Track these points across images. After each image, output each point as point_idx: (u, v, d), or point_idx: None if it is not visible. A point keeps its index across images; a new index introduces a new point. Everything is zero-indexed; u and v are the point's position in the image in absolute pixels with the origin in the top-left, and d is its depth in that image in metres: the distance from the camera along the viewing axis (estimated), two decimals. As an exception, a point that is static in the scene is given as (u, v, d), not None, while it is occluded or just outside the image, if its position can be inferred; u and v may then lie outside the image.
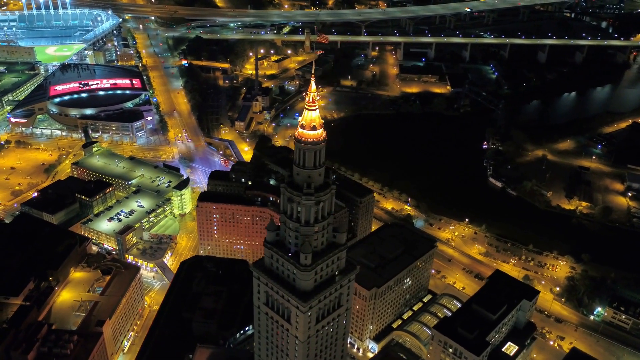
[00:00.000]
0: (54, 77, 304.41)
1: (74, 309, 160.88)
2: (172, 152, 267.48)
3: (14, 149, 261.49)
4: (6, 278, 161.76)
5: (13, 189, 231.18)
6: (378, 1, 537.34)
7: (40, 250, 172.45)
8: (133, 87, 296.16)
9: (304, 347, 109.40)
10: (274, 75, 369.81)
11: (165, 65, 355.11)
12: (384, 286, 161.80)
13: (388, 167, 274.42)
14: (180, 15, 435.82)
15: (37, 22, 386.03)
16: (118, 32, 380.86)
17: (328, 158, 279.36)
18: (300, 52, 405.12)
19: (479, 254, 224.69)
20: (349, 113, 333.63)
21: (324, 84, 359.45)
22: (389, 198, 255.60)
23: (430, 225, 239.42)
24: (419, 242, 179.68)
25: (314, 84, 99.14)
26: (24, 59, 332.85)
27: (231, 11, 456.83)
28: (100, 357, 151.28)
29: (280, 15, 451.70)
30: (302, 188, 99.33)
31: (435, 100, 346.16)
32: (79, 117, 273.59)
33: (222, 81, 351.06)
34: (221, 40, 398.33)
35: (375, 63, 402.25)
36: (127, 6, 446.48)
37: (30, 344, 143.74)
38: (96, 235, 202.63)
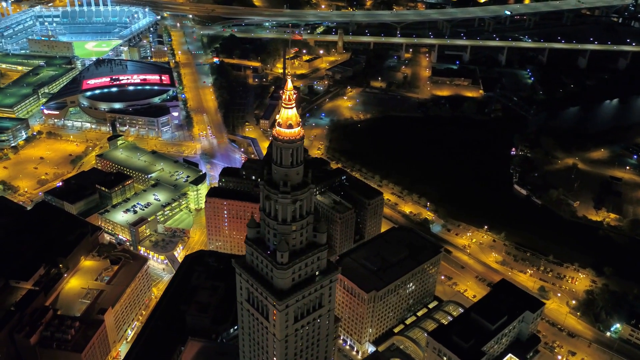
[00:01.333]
0: (87, 71, 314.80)
1: (80, 296, 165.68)
2: (195, 147, 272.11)
3: (45, 140, 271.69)
4: (19, 263, 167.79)
5: (39, 178, 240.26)
6: (417, 3, 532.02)
7: (53, 237, 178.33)
8: (162, 83, 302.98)
9: (282, 346, 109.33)
10: (304, 75, 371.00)
11: (197, 63, 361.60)
12: (384, 290, 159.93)
13: (410, 170, 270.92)
14: (217, 13, 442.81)
15: (79, 19, 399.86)
16: (154, 30, 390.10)
17: (350, 158, 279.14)
18: (332, 53, 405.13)
19: (496, 262, 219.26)
20: (376, 114, 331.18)
21: (353, 85, 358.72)
22: (407, 201, 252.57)
23: (448, 230, 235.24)
24: (425, 246, 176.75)
25: (290, 82, 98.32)
26: (62, 54, 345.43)
27: (267, 10, 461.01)
28: (100, 344, 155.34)
29: (316, 15, 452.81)
30: (279, 186, 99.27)
31: (466, 104, 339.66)
32: (108, 110, 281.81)
33: (251, 79, 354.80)
34: (254, 39, 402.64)
35: (408, 65, 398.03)
36: (167, 4, 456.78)
37: (33, 327, 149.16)
38: (112, 225, 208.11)
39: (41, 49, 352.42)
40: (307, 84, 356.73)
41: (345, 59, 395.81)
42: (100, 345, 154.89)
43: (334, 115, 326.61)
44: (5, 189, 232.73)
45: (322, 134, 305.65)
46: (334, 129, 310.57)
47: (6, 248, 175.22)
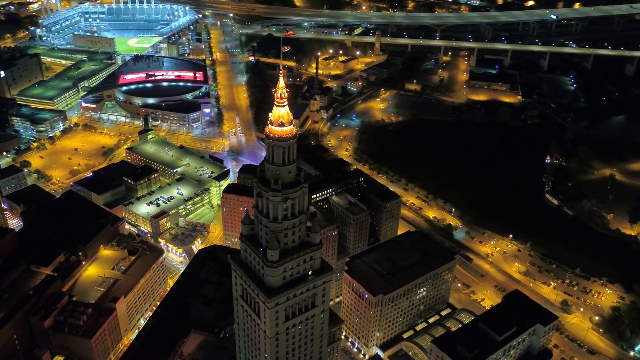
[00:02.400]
0: (125, 66, 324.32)
1: (96, 283, 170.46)
2: (224, 144, 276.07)
3: (80, 132, 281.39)
4: (41, 249, 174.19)
5: (72, 168, 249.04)
6: (460, 5, 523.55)
7: (75, 226, 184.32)
8: (195, 80, 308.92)
9: (273, 344, 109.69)
10: (339, 76, 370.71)
11: (233, 61, 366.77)
12: (392, 294, 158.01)
13: (438, 175, 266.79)
14: (257, 13, 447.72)
15: (123, 16, 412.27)
16: (194, 27, 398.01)
17: (377, 160, 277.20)
18: (369, 54, 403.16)
19: (518, 272, 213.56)
20: (408, 117, 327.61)
21: (387, 87, 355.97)
22: (432, 206, 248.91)
23: (472, 237, 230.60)
24: (439, 252, 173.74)
25: (282, 80, 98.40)
26: (104, 49, 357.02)
27: (307, 11, 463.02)
28: (112, 331, 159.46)
29: (355, 17, 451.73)
30: (270, 184, 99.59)
31: (501, 109, 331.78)
32: (142, 105, 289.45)
33: (285, 79, 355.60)
34: (292, 39, 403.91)
35: (445, 68, 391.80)
36: (209, 3, 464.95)
37: (48, 311, 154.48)
38: (135, 217, 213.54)
39: (85, 44, 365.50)
40: (340, 85, 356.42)
41: (381, 60, 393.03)
42: (111, 332, 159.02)
43: (366, 116, 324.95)
44: (39, 178, 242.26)
45: (351, 135, 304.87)
46: (364, 131, 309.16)
47: (31, 234, 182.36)
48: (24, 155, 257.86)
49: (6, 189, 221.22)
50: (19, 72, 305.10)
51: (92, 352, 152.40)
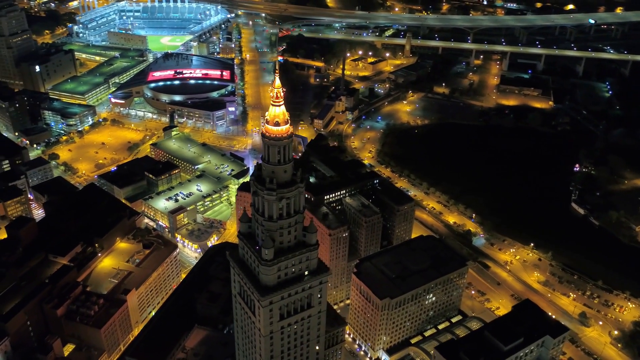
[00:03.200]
0: (155, 64, 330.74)
1: (110, 275, 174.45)
2: (246, 142, 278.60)
3: (108, 127, 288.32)
4: (60, 239, 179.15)
5: (98, 162, 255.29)
6: (496, 8, 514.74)
7: (94, 218, 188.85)
8: (222, 78, 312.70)
9: (267, 342, 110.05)
10: (367, 77, 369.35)
11: (262, 60, 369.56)
12: (399, 298, 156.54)
13: (461, 179, 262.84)
14: (289, 13, 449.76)
15: (158, 14, 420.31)
16: (225, 26, 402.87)
17: (400, 163, 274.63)
18: (398, 56, 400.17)
19: (537, 282, 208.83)
20: (435, 121, 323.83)
21: (415, 90, 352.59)
22: (453, 211, 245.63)
23: (491, 244, 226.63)
24: (451, 258, 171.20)
25: (278, 79, 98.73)
26: (136, 46, 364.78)
27: (339, 12, 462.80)
28: (122, 323, 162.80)
29: (387, 18, 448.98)
30: (265, 182, 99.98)
31: (531, 115, 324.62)
32: (169, 102, 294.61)
33: (313, 79, 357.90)
34: (322, 39, 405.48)
35: (476, 72, 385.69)
36: (242, 2, 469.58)
37: (61, 300, 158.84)
38: (153, 211, 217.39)
39: (118, 41, 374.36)
40: (367, 87, 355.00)
41: (410, 63, 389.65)
42: (121, 323, 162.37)
43: (391, 119, 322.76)
44: (66, 170, 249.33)
45: (375, 137, 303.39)
46: (388, 133, 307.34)
47: (51, 224, 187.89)
48: (53, 147, 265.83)
49: (33, 180, 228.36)
50: (53, 67, 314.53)
51: (101, 341, 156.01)
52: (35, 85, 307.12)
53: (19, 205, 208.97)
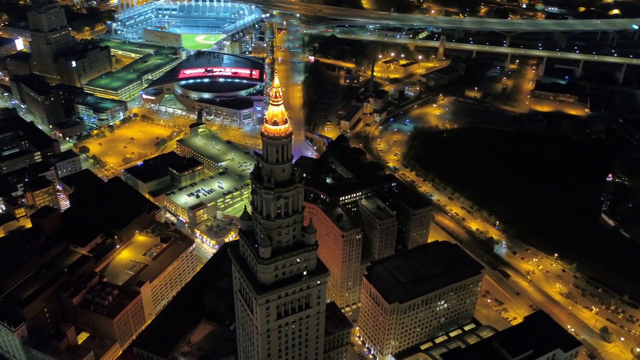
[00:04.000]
0: (187, 61, 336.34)
1: (127, 267, 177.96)
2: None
3: (138, 122, 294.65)
4: (81, 230, 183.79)
5: (125, 156, 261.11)
6: (536, 12, 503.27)
7: (115, 211, 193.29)
8: (251, 78, 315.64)
9: (264, 340, 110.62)
10: (398, 80, 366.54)
11: (293, 61, 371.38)
12: (408, 303, 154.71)
13: (487, 186, 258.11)
14: (323, 14, 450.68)
15: (194, 13, 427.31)
16: (259, 26, 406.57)
17: (425, 167, 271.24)
18: (431, 59, 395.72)
19: (559, 293, 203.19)
20: (464, 125, 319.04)
21: (446, 93, 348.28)
22: (476, 218, 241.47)
23: (514, 253, 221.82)
24: (466, 265, 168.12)
25: (277, 79, 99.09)
26: (171, 44, 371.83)
27: (374, 13, 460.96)
28: (135, 314, 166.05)
29: (422, 20, 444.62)
30: (264, 181, 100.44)
31: (564, 122, 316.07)
32: (198, 99, 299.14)
33: (343, 80, 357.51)
34: (354, 41, 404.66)
35: (510, 76, 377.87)
36: (278, 2, 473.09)
37: (78, 289, 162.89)
38: (175, 206, 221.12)
39: (153, 39, 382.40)
40: (397, 89, 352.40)
41: (443, 66, 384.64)
42: (134, 315, 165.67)
43: (420, 122, 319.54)
44: (95, 163, 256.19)
45: (402, 140, 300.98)
46: (416, 136, 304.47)
47: (74, 215, 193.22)
48: (84, 141, 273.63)
49: (63, 171, 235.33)
50: (89, 63, 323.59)
51: (114, 331, 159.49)
52: (71, 80, 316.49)
53: (46, 195, 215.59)
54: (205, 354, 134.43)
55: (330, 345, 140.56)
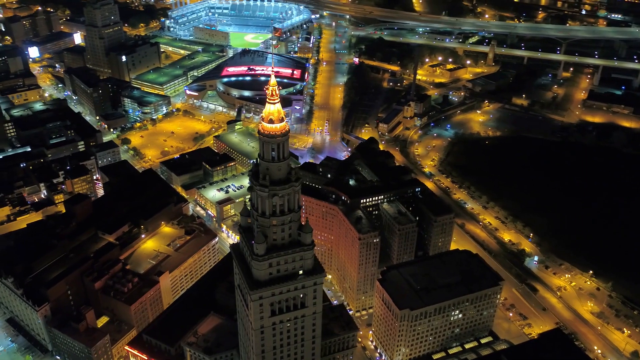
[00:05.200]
0: (231, 59, 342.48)
1: (150, 257, 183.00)
2: (307, 141, 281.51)
3: (180, 117, 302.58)
4: (111, 218, 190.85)
5: (164, 149, 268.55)
6: (597, 19, 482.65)
7: (145, 201, 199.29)
8: (292, 77, 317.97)
9: (257, 336, 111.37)
10: (443, 84, 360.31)
11: (337, 62, 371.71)
12: (419, 310, 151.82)
13: (525, 196, 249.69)
14: (374, 16, 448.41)
15: (245, 12, 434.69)
16: (307, 26, 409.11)
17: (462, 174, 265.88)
18: (480, 64, 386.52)
19: (590, 312, 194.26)
20: (508, 133, 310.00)
21: (492, 100, 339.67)
22: (510, 229, 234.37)
23: (546, 268, 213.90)
24: (485, 276, 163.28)
25: (274, 78, 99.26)
26: (219, 42, 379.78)
27: (425, 16, 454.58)
28: (153, 302, 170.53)
29: (473, 25, 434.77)
30: (259, 178, 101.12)
31: (615, 134, 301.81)
32: (238, 97, 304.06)
33: (386, 83, 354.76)
34: (402, 44, 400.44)
35: (562, 85, 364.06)
36: (329, 3, 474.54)
37: (101, 274, 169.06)
38: (204, 200, 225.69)
39: (203, 36, 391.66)
40: (442, 93, 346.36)
41: (492, 71, 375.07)
42: (152, 303, 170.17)
43: (462, 128, 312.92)
44: (135, 155, 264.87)
45: (441, 145, 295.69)
46: (456, 142, 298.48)
47: (106, 204, 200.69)
48: (127, 133, 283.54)
49: (103, 161, 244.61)
50: (138, 58, 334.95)
51: (131, 317, 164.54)
52: (121, 74, 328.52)
53: (84, 183, 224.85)
54: (209, 346, 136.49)
55: (335, 347, 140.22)
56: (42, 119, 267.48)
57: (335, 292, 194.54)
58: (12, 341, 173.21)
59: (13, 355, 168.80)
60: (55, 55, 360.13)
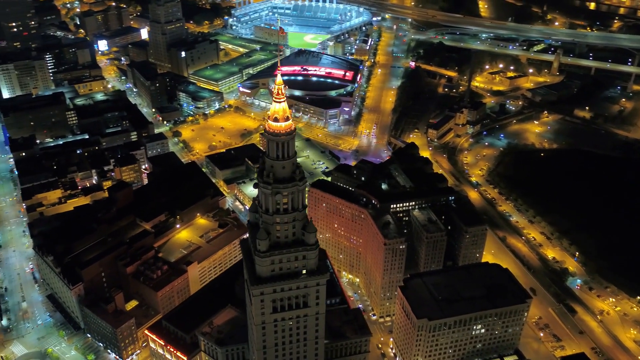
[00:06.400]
0: (286, 59, 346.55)
1: (182, 247, 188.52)
2: (353, 143, 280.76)
3: (231, 113, 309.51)
4: (149, 206, 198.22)
5: (212, 143, 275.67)
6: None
7: (183, 193, 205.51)
8: (343, 79, 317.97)
9: (259, 331, 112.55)
10: (501, 92, 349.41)
11: (393, 65, 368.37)
12: (438, 321, 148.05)
13: (575, 214, 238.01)
14: (436, 20, 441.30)
15: (306, 13, 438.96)
16: (366, 29, 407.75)
17: (509, 185, 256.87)
18: (543, 73, 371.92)
19: (633, 340, 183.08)
20: (565, 146, 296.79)
21: (552, 111, 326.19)
22: (555, 246, 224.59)
23: (590, 289, 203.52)
24: (512, 292, 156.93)
25: (280, 76, 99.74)
26: (277, 42, 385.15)
27: (489, 22, 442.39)
28: (180, 291, 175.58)
29: (540, 32, 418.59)
30: (263, 176, 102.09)
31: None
32: (288, 96, 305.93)
33: (441, 88, 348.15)
34: (462, 49, 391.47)
35: (632, 98, 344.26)
36: (392, 6, 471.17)
37: (133, 260, 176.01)
38: (242, 195, 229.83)
39: (262, 35, 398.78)
40: (498, 102, 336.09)
41: (555, 81, 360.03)
42: (179, 291, 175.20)
43: (516, 138, 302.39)
44: (183, 147, 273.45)
45: (492, 155, 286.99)
46: (507, 153, 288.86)
47: (147, 192, 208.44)
48: (179, 126, 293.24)
49: (152, 152, 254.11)
50: (197, 54, 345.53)
51: (157, 303, 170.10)
52: (180, 69, 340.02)
53: (132, 172, 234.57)
54: (222, 338, 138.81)
55: (347, 351, 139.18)
56: (101, 108, 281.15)
57: (362, 295, 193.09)
58: (50, 316, 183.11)
59: (49, 329, 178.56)
60: (121, 48, 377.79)
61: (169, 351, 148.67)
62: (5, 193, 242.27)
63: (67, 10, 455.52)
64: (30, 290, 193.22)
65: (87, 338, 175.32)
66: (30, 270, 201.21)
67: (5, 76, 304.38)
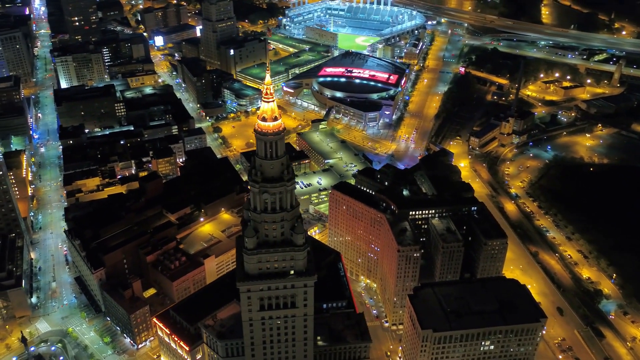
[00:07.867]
0: (332, 60, 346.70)
1: (203, 240, 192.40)
2: (390, 148, 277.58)
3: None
4: (177, 199, 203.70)
5: (249, 141, 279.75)
6: None
7: (211, 187, 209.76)
8: (387, 82, 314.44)
9: (246, 327, 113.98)
10: (554, 102, 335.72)
11: (442, 70, 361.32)
12: (443, 333, 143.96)
13: (618, 232, 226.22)
14: (494, 25, 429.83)
15: (360, 14, 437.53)
16: (418, 32, 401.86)
17: (550, 199, 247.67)
18: (602, 84, 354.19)
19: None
20: (617, 162, 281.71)
21: (607, 124, 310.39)
22: (592, 266, 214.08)
23: (624, 314, 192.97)
24: (527, 310, 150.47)
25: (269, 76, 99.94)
26: (326, 42, 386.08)
27: (550, 29, 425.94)
28: (196, 282, 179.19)
29: (604, 41, 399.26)
30: (252, 174, 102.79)
31: None
32: (330, 97, 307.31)
33: (490, 96, 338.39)
34: (517, 56, 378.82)
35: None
36: (449, 10, 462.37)
37: (154, 249, 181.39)
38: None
39: (313, 36, 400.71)
40: (550, 112, 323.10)
41: (614, 93, 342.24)
42: (195, 283, 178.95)
43: (564, 151, 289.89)
44: (222, 143, 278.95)
45: (536, 167, 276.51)
46: (553, 165, 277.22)
47: (177, 185, 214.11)
48: (220, 122, 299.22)
49: (189, 146, 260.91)
50: (246, 52, 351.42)
51: (173, 293, 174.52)
52: (228, 66, 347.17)
53: (168, 164, 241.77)
54: (223, 331, 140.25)
55: (346, 356, 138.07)
56: (148, 102, 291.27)
57: (377, 302, 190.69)
58: (76, 297, 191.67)
59: (73, 310, 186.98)
60: (176, 45, 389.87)
61: (173, 340, 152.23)
62: (51, 178, 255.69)
63: (131, 6, 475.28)
64: (61, 272, 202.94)
65: (107, 321, 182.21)
66: (64, 253, 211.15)
67: (64, 67, 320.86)
